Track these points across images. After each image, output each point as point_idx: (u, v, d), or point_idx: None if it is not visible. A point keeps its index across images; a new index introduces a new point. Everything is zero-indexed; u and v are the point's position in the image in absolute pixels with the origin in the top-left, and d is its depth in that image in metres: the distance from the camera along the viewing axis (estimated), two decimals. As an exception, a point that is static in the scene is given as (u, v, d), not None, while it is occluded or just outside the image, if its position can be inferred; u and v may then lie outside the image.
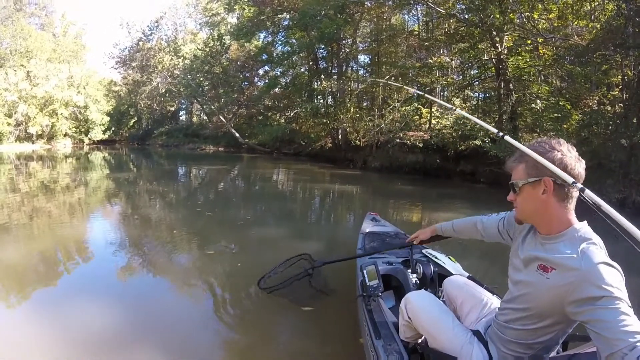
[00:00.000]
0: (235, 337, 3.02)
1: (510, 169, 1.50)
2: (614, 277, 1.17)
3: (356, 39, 21.27)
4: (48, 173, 14.76)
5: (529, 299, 1.41)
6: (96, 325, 3.01)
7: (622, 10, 9.59)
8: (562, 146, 1.37)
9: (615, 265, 1.22)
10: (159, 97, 34.28)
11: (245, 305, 3.48)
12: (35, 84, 30.34)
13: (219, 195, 10.76)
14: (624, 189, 8.53)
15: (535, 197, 1.38)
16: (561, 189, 1.34)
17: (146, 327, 3.07)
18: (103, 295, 3.60)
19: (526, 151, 1.41)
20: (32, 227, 6.16)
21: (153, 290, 3.84)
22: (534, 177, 1.38)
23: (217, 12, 29.96)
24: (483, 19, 11.82)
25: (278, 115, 27.88)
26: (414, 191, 11.67)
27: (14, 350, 2.66)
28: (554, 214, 1.36)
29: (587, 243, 1.28)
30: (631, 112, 9.47)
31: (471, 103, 18.56)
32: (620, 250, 1.42)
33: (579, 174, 1.34)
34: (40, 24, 39.24)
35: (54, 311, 3.27)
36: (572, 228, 1.35)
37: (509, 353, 1.51)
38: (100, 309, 3.29)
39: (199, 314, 3.32)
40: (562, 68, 12.21)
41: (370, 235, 3.85)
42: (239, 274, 4.18)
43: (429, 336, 1.81)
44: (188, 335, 2.91)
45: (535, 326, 1.41)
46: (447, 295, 2.14)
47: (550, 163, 1.32)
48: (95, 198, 9.60)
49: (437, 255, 3.01)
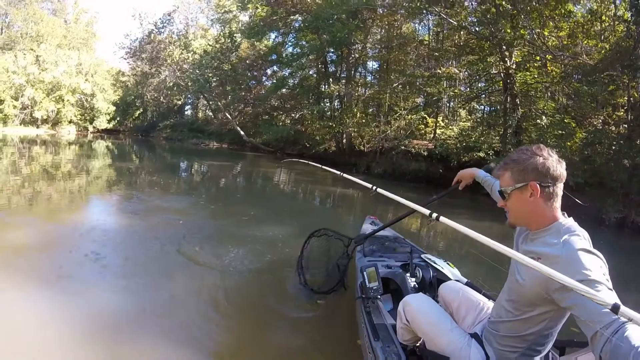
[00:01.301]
0: (233, 336, 3.01)
1: (497, 177, 1.61)
2: (593, 263, 1.25)
3: (366, 45, 21.34)
4: (51, 158, 14.82)
5: (519, 290, 1.50)
6: (99, 317, 3.02)
7: (631, 32, 9.66)
8: (543, 151, 1.48)
9: (596, 253, 1.31)
10: (166, 90, 34.24)
11: (244, 305, 3.47)
12: (43, 69, 30.47)
13: (221, 191, 10.84)
14: (624, 209, 8.57)
15: (524, 201, 1.48)
16: (546, 189, 1.44)
17: (146, 319, 3.09)
18: (105, 285, 3.60)
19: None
20: (34, 213, 6.19)
21: (153, 283, 3.78)
22: (521, 182, 1.47)
23: (230, 9, 29.99)
24: (494, 32, 11.89)
25: (284, 116, 27.91)
26: (415, 199, 11.55)
27: (20, 342, 2.68)
28: (542, 213, 1.46)
29: (569, 234, 1.38)
30: (635, 133, 9.52)
31: (476, 115, 18.59)
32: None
33: (561, 174, 1.46)
34: (53, 10, 39.44)
35: (58, 299, 3.28)
36: (557, 222, 1.45)
37: (505, 349, 1.56)
38: (103, 299, 3.31)
39: (197, 311, 3.28)
40: (569, 86, 12.27)
41: (369, 238, 3.79)
42: (238, 272, 4.17)
43: (427, 339, 1.85)
44: (185, 332, 2.92)
45: (526, 316, 1.48)
46: (443, 300, 2.17)
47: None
48: (97, 187, 9.66)
49: (436, 261, 3.03)
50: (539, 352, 1.52)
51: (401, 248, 3.55)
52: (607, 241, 7.44)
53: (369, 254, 3.43)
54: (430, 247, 5.85)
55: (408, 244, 3.71)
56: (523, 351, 1.52)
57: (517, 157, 1.51)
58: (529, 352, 1.52)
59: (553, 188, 1.44)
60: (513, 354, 1.54)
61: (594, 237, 1.41)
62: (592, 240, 1.41)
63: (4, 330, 2.74)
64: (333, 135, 21.11)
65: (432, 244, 6.29)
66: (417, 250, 3.47)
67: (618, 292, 1.24)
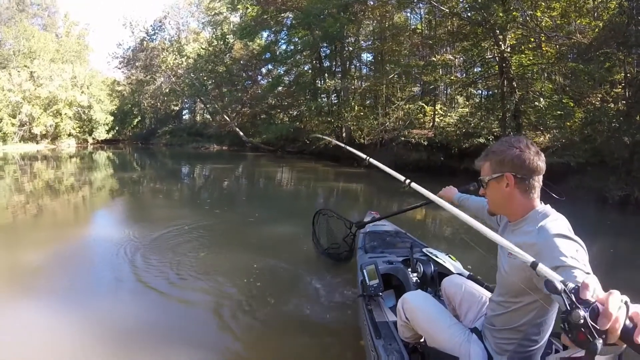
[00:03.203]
0: (234, 334, 3.04)
1: (479, 167, 1.66)
2: (569, 248, 1.26)
3: (359, 37, 21.28)
4: (53, 173, 14.87)
5: (505, 282, 1.54)
6: (107, 325, 3.09)
7: (624, 8, 9.60)
8: (521, 143, 1.51)
9: (573, 238, 1.32)
10: (162, 96, 34.23)
11: (243, 305, 3.49)
12: (39, 85, 30.43)
13: (225, 194, 10.87)
14: (627, 186, 8.55)
15: (501, 190, 1.54)
16: (522, 181, 1.49)
17: (152, 324, 3.15)
18: (116, 297, 3.67)
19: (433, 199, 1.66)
20: (40, 228, 6.24)
21: (164, 292, 3.78)
22: (498, 173, 1.53)
23: (220, 11, 29.93)
24: (486, 17, 11.84)
25: (282, 114, 27.89)
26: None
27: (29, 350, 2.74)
28: (519, 203, 1.51)
29: (545, 221, 1.40)
30: (634, 109, 9.49)
31: (474, 101, 18.54)
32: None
33: (538, 166, 1.49)
34: (43, 25, 39.36)
35: (65, 309, 3.35)
36: (534, 211, 1.49)
37: (502, 342, 1.58)
38: (117, 311, 3.36)
39: (201, 313, 3.35)
40: (565, 66, 12.24)
41: (370, 234, 3.85)
42: (242, 271, 4.21)
43: (427, 336, 1.87)
44: (190, 333, 2.97)
45: (516, 306, 1.50)
46: (446, 295, 2.19)
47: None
48: (102, 197, 9.72)
49: (438, 254, 3.03)
50: (535, 341, 1.53)
51: (402, 243, 3.56)
52: (613, 221, 7.41)
53: (370, 250, 3.44)
54: (433, 239, 5.87)
55: (409, 239, 3.71)
56: (519, 342, 1.54)
57: (496, 148, 1.57)
58: (525, 342, 1.53)
59: (529, 180, 1.48)
60: (510, 346, 1.56)
61: (599, 217, 1.44)
62: (598, 220, 1.44)
63: (20, 342, 2.81)
64: (332, 130, 21.12)
65: (436, 236, 6.29)
66: (418, 244, 3.47)
67: (624, 270, 1.25)
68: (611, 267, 4.48)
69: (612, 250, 5.52)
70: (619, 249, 5.68)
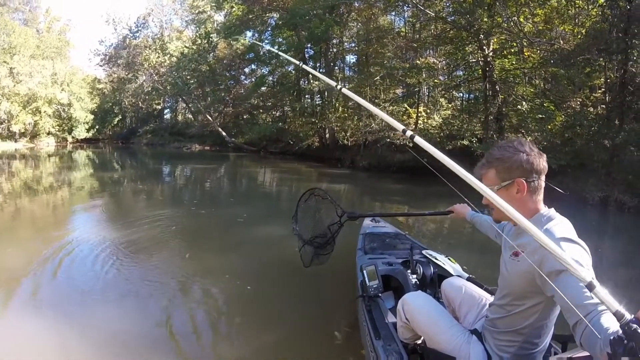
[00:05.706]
0: (232, 335, 3.02)
1: (481, 176, 1.58)
2: (574, 252, 1.25)
3: (343, 39, 21.33)
4: (31, 172, 14.58)
5: (508, 285, 1.52)
6: (99, 326, 3.02)
7: (606, 15, 9.80)
8: (525, 146, 1.48)
9: (578, 242, 1.31)
10: (144, 95, 33.67)
11: (243, 304, 3.47)
12: (18, 81, 29.72)
13: (208, 195, 10.76)
14: (606, 188, 8.73)
15: (511, 198, 1.45)
16: (532, 184, 1.46)
17: (136, 328, 3.07)
18: (103, 295, 3.58)
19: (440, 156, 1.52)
20: (16, 229, 6.07)
21: (152, 298, 3.66)
22: (507, 180, 1.47)
23: (204, 9, 29.70)
24: (471, 22, 11.96)
25: (265, 115, 27.79)
26: (401, 190, 11.78)
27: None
28: (526, 207, 1.45)
29: (550, 224, 1.38)
30: (613, 113, 9.71)
31: (456, 103, 18.72)
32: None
33: (544, 167, 1.48)
34: (24, 19, 38.46)
35: (55, 312, 3.27)
36: (539, 214, 1.46)
37: (503, 344, 1.57)
38: (92, 314, 3.26)
39: (199, 311, 3.32)
40: (546, 70, 12.44)
41: (370, 236, 3.83)
42: (236, 271, 4.17)
43: (427, 337, 1.85)
44: (185, 332, 2.94)
45: (519, 309, 1.48)
46: (446, 297, 2.18)
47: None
48: (82, 198, 9.52)
49: (437, 256, 3.02)
50: (536, 344, 1.53)
51: (402, 245, 3.54)
52: (594, 221, 7.55)
53: (370, 251, 3.43)
54: (432, 242, 5.88)
55: (409, 240, 3.70)
56: (520, 344, 1.53)
57: (500, 154, 1.50)
58: (526, 345, 1.53)
59: (538, 182, 1.46)
60: (511, 348, 1.55)
61: (580, 218, 1.42)
62: (581, 220, 1.42)
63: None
64: (316, 130, 21.11)
65: (435, 238, 6.30)
66: (418, 246, 3.47)
67: (608, 269, 1.25)
68: (599, 266, 4.49)
69: (600, 250, 5.58)
70: (603, 248, 5.75)
